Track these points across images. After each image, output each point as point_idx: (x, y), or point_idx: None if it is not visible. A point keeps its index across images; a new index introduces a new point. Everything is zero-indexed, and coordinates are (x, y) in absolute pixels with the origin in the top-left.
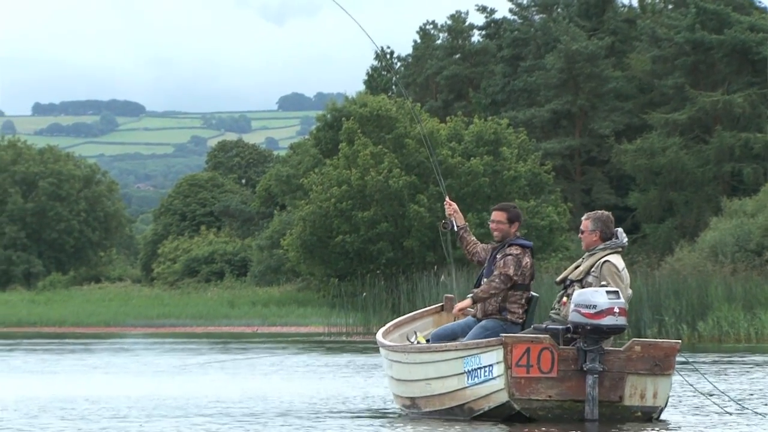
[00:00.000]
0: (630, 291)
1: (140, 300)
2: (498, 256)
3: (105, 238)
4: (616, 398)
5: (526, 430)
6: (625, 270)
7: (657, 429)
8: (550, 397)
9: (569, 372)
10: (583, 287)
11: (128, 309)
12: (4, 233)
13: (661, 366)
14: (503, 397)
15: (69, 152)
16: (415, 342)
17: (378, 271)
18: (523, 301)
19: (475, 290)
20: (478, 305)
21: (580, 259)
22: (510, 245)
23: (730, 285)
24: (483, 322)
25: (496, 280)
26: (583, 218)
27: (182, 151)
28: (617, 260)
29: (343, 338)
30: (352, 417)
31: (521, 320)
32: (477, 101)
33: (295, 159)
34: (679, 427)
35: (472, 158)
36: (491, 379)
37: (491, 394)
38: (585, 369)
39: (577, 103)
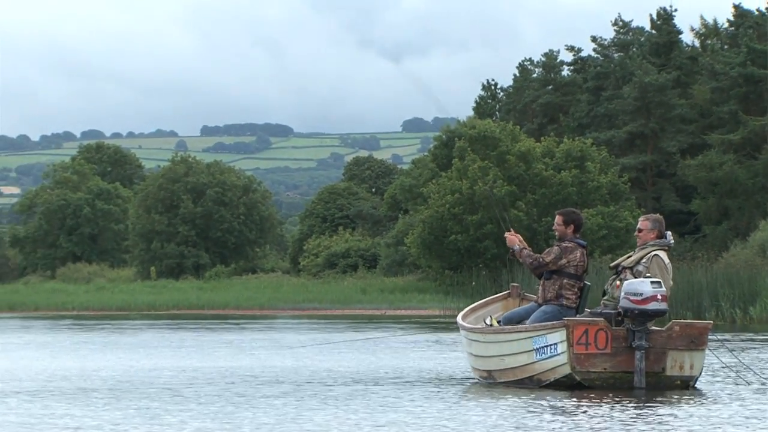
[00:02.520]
0: (671, 282)
1: (289, 287)
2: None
3: (260, 236)
4: (659, 369)
5: (586, 396)
6: (670, 264)
7: (692, 395)
8: (605, 369)
9: (621, 348)
10: (633, 274)
11: (279, 295)
12: (178, 232)
13: (696, 342)
14: (566, 370)
15: (231, 166)
16: (489, 324)
17: (483, 265)
18: (576, 289)
19: (524, 251)
20: (539, 293)
21: (633, 251)
22: (564, 241)
23: None
24: (543, 307)
25: (529, 260)
26: (641, 219)
27: (323, 165)
28: (664, 256)
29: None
30: (439, 383)
31: (575, 305)
32: (566, 124)
33: (416, 172)
34: (710, 392)
35: (562, 171)
36: (556, 355)
37: (556, 367)
38: (634, 346)
39: (649, 126)
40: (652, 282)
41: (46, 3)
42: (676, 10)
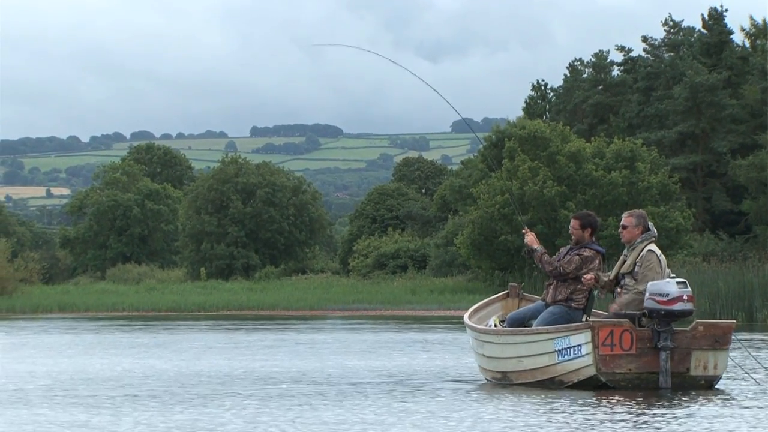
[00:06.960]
0: (668, 270)
1: (338, 288)
2: (568, 254)
3: (310, 237)
4: (684, 370)
5: (612, 397)
6: (662, 255)
7: (716, 394)
8: (630, 370)
9: (646, 349)
10: (634, 278)
11: (329, 295)
12: (227, 233)
13: (720, 342)
14: (591, 371)
15: (281, 167)
16: (492, 324)
17: (534, 265)
18: (587, 292)
19: (545, 255)
20: (549, 292)
21: (623, 255)
22: (584, 247)
23: None
24: (551, 308)
25: (549, 267)
26: (625, 215)
27: (373, 166)
28: (654, 248)
29: None
30: (452, 382)
31: (582, 307)
32: (616, 125)
33: (466, 172)
34: (732, 391)
35: (612, 172)
36: (581, 356)
37: (581, 369)
38: (659, 346)
39: (699, 126)
40: (677, 282)
41: (85, 6)
42: (726, 10)
